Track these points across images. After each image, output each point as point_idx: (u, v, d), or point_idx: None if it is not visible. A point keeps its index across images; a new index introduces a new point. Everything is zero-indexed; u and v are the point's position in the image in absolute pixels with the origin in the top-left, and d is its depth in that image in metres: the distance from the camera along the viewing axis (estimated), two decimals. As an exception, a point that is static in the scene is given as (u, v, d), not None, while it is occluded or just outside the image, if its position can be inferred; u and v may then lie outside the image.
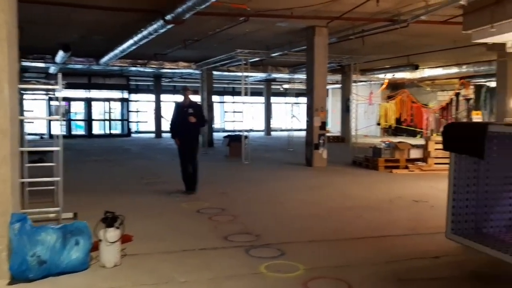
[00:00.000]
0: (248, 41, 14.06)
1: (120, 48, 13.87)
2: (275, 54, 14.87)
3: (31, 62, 16.83)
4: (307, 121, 12.24)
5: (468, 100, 22.63)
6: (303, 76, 17.17)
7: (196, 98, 13.71)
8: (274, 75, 22.36)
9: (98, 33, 13.36)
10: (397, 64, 19.92)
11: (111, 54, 15.31)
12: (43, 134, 24.79)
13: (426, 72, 21.42)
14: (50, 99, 24.26)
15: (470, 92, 22.32)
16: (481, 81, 21.23)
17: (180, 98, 8.17)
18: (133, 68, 19.27)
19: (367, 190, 8.60)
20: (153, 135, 25.86)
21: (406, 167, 11.22)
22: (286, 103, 25.74)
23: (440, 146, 11.72)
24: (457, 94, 23.36)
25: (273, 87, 29.44)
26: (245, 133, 13.48)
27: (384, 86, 24.68)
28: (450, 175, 4.21)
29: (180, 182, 8.14)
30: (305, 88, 12.71)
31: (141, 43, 12.29)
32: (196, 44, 14.19)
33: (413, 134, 25.95)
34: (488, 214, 4.28)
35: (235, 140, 14.77)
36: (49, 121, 24.37)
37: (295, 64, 18.90)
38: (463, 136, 4.04)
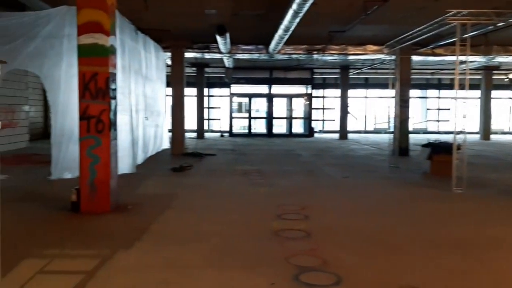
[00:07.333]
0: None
1: (282, 26, 10.55)
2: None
3: (196, 52, 15.01)
4: None
5: None
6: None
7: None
8: (500, 59, 16.15)
9: (249, 5, 10.27)
10: None
11: (276, 37, 12.17)
12: (224, 132, 23.62)
13: None
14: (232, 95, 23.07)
15: None
16: None
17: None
18: (317, 57, 15.79)
19: None
20: (337, 135, 22.30)
21: None
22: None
23: None
24: None
25: (494, 77, 22.52)
26: (458, 139, 8.59)
27: None
28: None
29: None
30: None
31: (303, 10, 8.70)
32: (384, 12, 9.89)
33: None
34: None
35: (440, 150, 9.96)
36: (231, 118, 23.24)
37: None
38: None
